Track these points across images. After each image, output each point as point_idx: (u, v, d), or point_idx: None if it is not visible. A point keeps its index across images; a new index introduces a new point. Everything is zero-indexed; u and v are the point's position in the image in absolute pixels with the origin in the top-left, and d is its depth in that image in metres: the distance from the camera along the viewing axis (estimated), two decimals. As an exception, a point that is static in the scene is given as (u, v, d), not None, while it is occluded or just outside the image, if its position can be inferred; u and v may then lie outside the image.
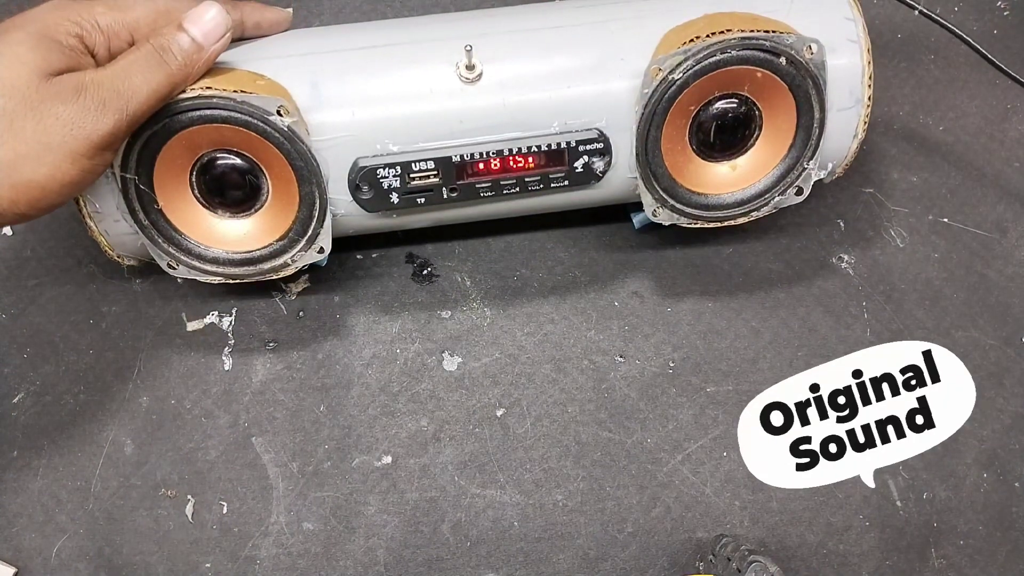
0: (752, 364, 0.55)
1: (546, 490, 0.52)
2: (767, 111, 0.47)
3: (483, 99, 0.45)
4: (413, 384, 0.54)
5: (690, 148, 0.48)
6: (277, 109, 0.42)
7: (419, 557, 0.51)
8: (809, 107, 0.46)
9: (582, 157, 0.46)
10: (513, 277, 0.56)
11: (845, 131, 0.48)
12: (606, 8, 0.47)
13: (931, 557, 0.52)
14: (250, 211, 0.47)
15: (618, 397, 0.54)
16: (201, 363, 0.54)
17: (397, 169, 0.45)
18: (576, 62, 0.45)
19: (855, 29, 0.46)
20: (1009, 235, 0.57)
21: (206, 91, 0.41)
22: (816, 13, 0.46)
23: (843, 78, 0.46)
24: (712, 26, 0.44)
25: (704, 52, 0.43)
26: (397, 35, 0.46)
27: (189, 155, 0.44)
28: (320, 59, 0.45)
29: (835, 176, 0.50)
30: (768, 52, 0.43)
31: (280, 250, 0.46)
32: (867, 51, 0.46)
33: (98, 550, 0.51)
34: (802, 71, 0.44)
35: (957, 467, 0.54)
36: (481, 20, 0.47)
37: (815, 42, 0.44)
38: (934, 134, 0.59)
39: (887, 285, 0.56)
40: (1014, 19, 0.61)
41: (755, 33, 0.43)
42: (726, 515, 0.52)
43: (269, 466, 0.52)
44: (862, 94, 0.47)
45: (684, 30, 0.44)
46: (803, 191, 0.49)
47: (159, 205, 0.44)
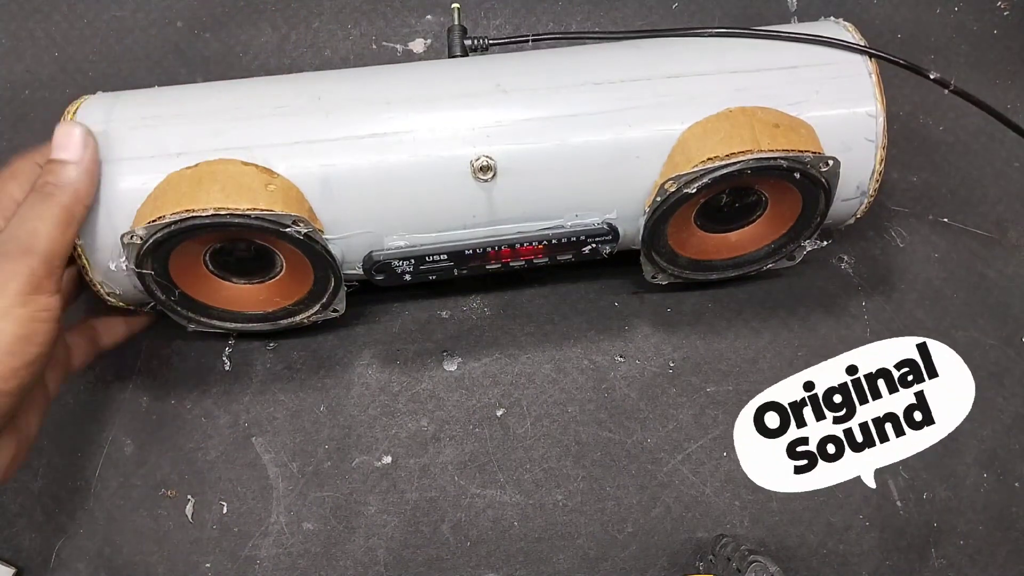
0: (752, 364, 0.54)
1: (546, 490, 0.52)
2: (773, 199, 0.48)
3: (496, 196, 0.44)
4: (413, 384, 0.54)
5: (694, 225, 0.48)
6: (293, 221, 0.41)
7: (419, 557, 0.51)
8: (815, 205, 0.46)
9: (590, 244, 0.46)
10: (513, 277, 0.56)
11: (845, 214, 0.49)
12: (627, 90, 0.44)
13: (931, 557, 0.52)
14: (265, 279, 0.48)
15: (618, 397, 0.54)
16: (201, 363, 0.54)
17: (411, 261, 0.45)
18: (591, 160, 0.44)
19: (875, 128, 0.45)
20: (1009, 235, 0.57)
21: (220, 211, 0.40)
22: (840, 106, 0.45)
23: (853, 174, 0.46)
24: (732, 139, 0.42)
25: (721, 172, 0.42)
26: (411, 120, 0.44)
27: (202, 246, 0.45)
28: (330, 149, 0.43)
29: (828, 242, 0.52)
30: (784, 170, 0.43)
31: (294, 311, 0.48)
32: (882, 149, 0.45)
33: (98, 550, 0.51)
34: (815, 182, 0.44)
35: (957, 467, 0.53)
36: (498, 103, 0.44)
37: (832, 159, 0.43)
38: (934, 134, 0.59)
39: (887, 285, 0.56)
40: (1014, 19, 0.61)
41: (774, 153, 0.42)
42: (726, 515, 0.52)
43: (269, 466, 0.52)
44: (868, 188, 0.47)
45: (703, 137, 0.43)
46: (795, 258, 0.51)
47: (178, 292, 0.45)
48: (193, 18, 0.59)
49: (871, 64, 0.46)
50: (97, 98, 0.45)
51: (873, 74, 0.45)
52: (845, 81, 0.45)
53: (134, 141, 0.43)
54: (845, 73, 0.45)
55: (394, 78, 0.45)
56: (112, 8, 0.60)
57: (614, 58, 0.46)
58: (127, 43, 0.59)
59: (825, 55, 0.46)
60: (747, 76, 0.45)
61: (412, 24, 0.60)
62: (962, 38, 0.61)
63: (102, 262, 0.43)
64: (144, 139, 0.43)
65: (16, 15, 0.59)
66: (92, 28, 0.59)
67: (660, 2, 0.60)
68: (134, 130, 0.43)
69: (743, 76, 0.45)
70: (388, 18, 0.60)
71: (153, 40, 0.59)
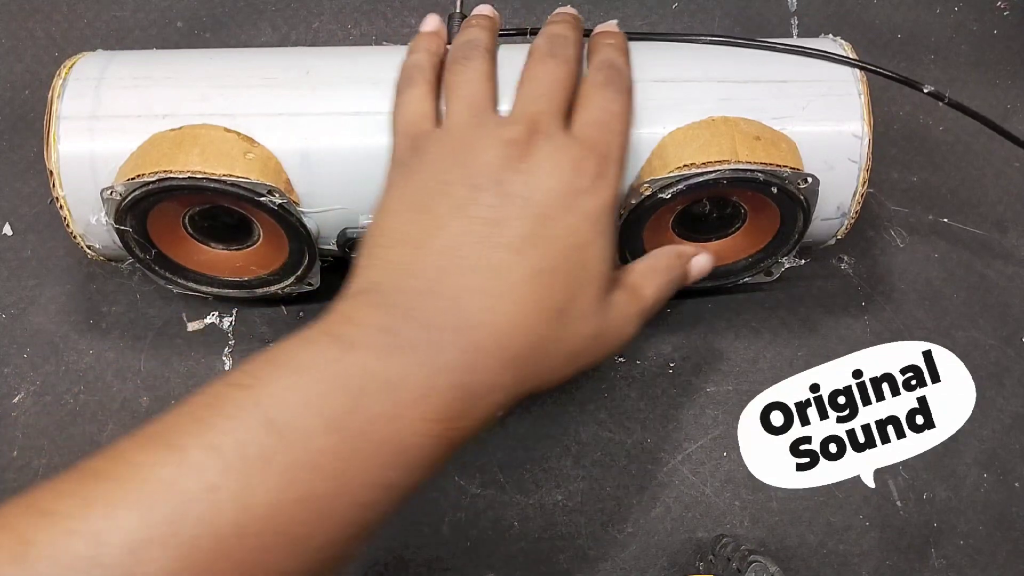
0: (752, 364, 0.55)
1: (546, 490, 0.52)
2: (752, 213, 0.47)
3: None
4: (413, 384, 0.54)
5: (671, 232, 0.48)
6: (268, 191, 0.41)
7: (419, 557, 0.51)
8: (793, 222, 0.45)
9: None
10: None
11: (825, 234, 0.48)
12: None
13: (931, 557, 0.52)
14: (242, 247, 0.48)
15: (618, 397, 0.54)
16: (201, 363, 0.54)
17: None
18: None
19: (859, 149, 0.44)
20: (1009, 235, 0.57)
21: (197, 175, 0.41)
22: (825, 123, 0.44)
23: (833, 194, 0.45)
24: (711, 147, 0.42)
25: (696, 178, 0.42)
26: None
27: (181, 208, 0.45)
28: (313, 124, 0.43)
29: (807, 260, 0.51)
30: (761, 183, 0.42)
31: (270, 282, 0.48)
32: (865, 170, 0.45)
33: (98, 550, 0.51)
34: (792, 198, 0.43)
35: (957, 467, 0.53)
36: None
37: (811, 176, 0.42)
38: (934, 134, 0.59)
39: (887, 285, 0.56)
40: (1014, 19, 0.61)
41: (752, 165, 0.41)
42: (726, 515, 0.52)
43: (269, 466, 0.52)
44: (850, 209, 0.46)
45: (682, 144, 0.42)
46: (773, 274, 0.50)
47: (155, 251, 0.45)
48: (193, 18, 0.59)
49: (862, 84, 0.45)
50: (95, 55, 0.46)
51: (863, 94, 0.45)
52: (833, 99, 0.44)
53: (124, 100, 0.43)
54: (834, 91, 0.45)
55: (385, 59, 0.45)
56: (112, 8, 0.60)
57: None
58: (127, 43, 0.59)
59: (817, 71, 0.45)
60: (735, 86, 0.44)
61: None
62: (962, 38, 0.61)
63: (84, 216, 0.44)
64: (133, 99, 0.43)
65: (16, 15, 0.59)
66: (92, 28, 0.59)
67: (660, 2, 0.60)
68: (125, 89, 0.44)
69: (730, 86, 0.44)
70: (388, 18, 0.60)
71: (153, 40, 0.59)
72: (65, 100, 0.43)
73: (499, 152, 0.34)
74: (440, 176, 0.35)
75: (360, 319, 0.30)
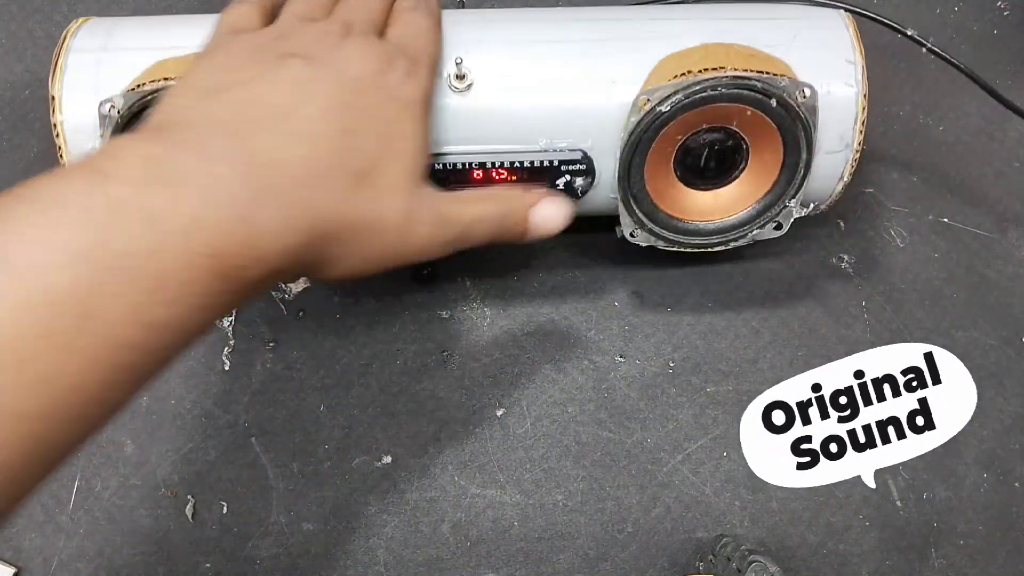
0: (752, 364, 0.55)
1: (546, 490, 0.52)
2: (754, 146, 0.47)
3: (471, 109, 0.44)
4: (413, 384, 0.54)
5: (674, 174, 0.48)
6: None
7: (419, 557, 0.51)
8: (796, 148, 0.45)
9: (564, 176, 0.46)
10: (513, 277, 0.56)
11: (831, 173, 0.48)
12: (607, 26, 0.46)
13: (931, 557, 0.52)
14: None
15: (618, 397, 0.54)
16: (201, 363, 0.54)
17: None
18: (568, 81, 0.45)
19: (854, 73, 0.45)
20: (1009, 235, 0.57)
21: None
22: (817, 52, 0.45)
23: (834, 122, 0.45)
24: (706, 61, 0.43)
25: (694, 88, 0.42)
26: None
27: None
28: None
29: (817, 212, 0.50)
30: (759, 92, 0.43)
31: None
32: (863, 96, 0.45)
33: (98, 550, 0.51)
34: (792, 114, 0.43)
35: (957, 467, 0.53)
36: (479, 25, 0.47)
37: (808, 87, 0.43)
38: (934, 134, 0.59)
39: (887, 285, 0.56)
40: (1014, 19, 0.61)
41: (748, 73, 0.42)
42: (726, 515, 0.52)
43: (269, 466, 0.52)
44: (852, 139, 0.46)
45: (678, 61, 0.44)
46: (782, 227, 0.49)
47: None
48: (193, 18, 0.59)
49: (849, 21, 0.47)
50: (97, 21, 0.47)
51: (850, 27, 0.47)
52: (823, 32, 0.47)
53: (134, 36, 0.45)
54: (823, 26, 0.47)
55: None
56: (112, 8, 0.60)
57: (599, 7, 0.49)
58: (127, 43, 0.59)
59: (805, 12, 0.48)
60: (727, 22, 0.46)
61: None
62: (962, 38, 0.61)
63: (80, 146, 0.43)
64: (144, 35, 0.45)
65: (16, 15, 0.59)
66: (92, 28, 0.59)
67: None
68: (136, 29, 0.46)
69: (723, 22, 0.46)
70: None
71: (153, 40, 0.59)
72: (78, 37, 0.45)
73: (315, 37, 0.36)
74: (257, 48, 0.35)
75: (124, 153, 0.28)
